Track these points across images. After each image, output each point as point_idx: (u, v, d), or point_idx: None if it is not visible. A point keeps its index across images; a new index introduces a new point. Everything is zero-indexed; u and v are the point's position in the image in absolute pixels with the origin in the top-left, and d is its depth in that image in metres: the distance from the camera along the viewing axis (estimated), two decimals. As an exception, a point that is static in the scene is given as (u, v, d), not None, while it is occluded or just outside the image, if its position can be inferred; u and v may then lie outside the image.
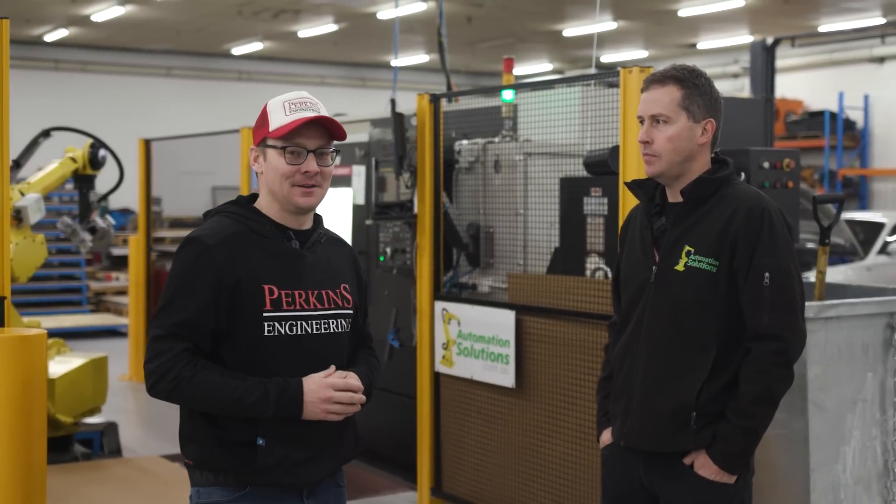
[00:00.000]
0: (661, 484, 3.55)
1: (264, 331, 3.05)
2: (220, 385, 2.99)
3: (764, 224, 3.42)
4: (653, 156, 3.52)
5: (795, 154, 5.90)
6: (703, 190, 3.51)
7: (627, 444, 3.60)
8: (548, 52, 23.58)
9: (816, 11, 18.66)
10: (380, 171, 7.40)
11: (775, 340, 3.40)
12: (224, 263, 3.04)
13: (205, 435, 3.08)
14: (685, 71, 3.54)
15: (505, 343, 6.03)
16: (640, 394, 3.55)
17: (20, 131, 8.24)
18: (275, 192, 3.14)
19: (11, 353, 3.90)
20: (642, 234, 3.63)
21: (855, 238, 12.80)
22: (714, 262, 3.45)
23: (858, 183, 20.96)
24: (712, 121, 3.54)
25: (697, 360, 3.46)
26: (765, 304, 3.40)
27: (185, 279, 3.06)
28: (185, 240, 3.12)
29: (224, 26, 20.21)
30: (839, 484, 4.77)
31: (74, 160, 8.03)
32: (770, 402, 3.44)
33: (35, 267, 7.42)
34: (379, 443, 7.96)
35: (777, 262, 3.42)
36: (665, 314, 3.52)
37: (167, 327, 3.02)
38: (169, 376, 2.99)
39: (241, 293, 3.04)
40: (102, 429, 8.18)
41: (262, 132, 3.15)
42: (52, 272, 15.98)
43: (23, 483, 3.92)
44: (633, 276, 3.65)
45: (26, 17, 19.10)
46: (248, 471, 3.05)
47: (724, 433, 3.42)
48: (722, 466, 3.44)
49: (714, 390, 3.45)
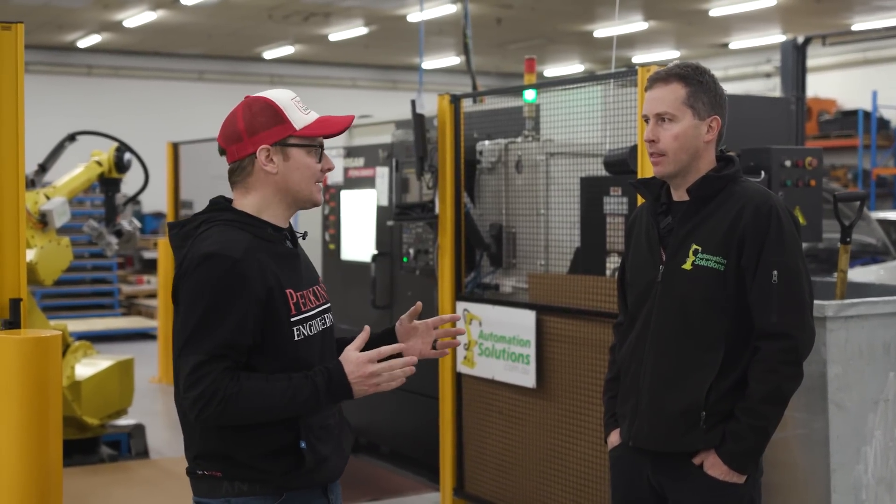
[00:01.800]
0: (670, 484, 3.54)
1: (294, 336, 3.02)
2: (268, 392, 2.90)
3: (772, 221, 3.40)
4: (660, 155, 3.50)
5: (818, 152, 5.84)
6: (710, 188, 3.50)
7: (636, 445, 3.58)
8: (578, 52, 23.53)
9: (849, 10, 18.52)
10: (402, 172, 7.40)
11: (784, 339, 3.38)
12: (254, 276, 2.94)
13: (241, 447, 2.98)
14: (689, 68, 3.53)
15: (526, 343, 6.01)
16: (649, 394, 3.53)
17: (54, 137, 8.36)
18: (296, 191, 3.08)
19: (26, 354, 3.91)
20: (648, 233, 3.61)
21: (887, 237, 12.66)
22: (722, 260, 3.43)
23: (892, 182, 20.76)
24: (717, 118, 3.53)
25: (706, 360, 3.45)
26: (773, 303, 3.38)
27: (217, 298, 2.91)
28: (201, 257, 2.94)
29: (255, 30, 20.30)
30: (860, 484, 4.72)
31: (100, 164, 8.10)
32: (780, 401, 3.42)
33: (60, 270, 7.48)
34: (402, 444, 7.97)
35: (785, 260, 3.40)
36: (673, 314, 3.50)
37: (208, 351, 2.88)
38: (216, 399, 2.86)
39: (273, 303, 2.98)
40: (129, 431, 8.22)
41: (283, 130, 3.04)
42: (83, 276, 16.09)
43: (39, 484, 3.94)
44: (640, 275, 3.63)
45: (59, 23, 19.26)
46: (295, 475, 3.00)
47: (734, 432, 3.40)
48: (732, 466, 3.41)
49: (723, 390, 3.44)
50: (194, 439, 3.05)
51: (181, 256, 3.04)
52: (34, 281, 7.28)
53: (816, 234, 5.65)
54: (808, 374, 3.64)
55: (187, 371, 2.90)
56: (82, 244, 13.47)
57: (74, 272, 14.47)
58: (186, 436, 3.09)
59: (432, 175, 6.74)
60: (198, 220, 3.09)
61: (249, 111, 3.08)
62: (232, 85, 23.61)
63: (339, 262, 8.47)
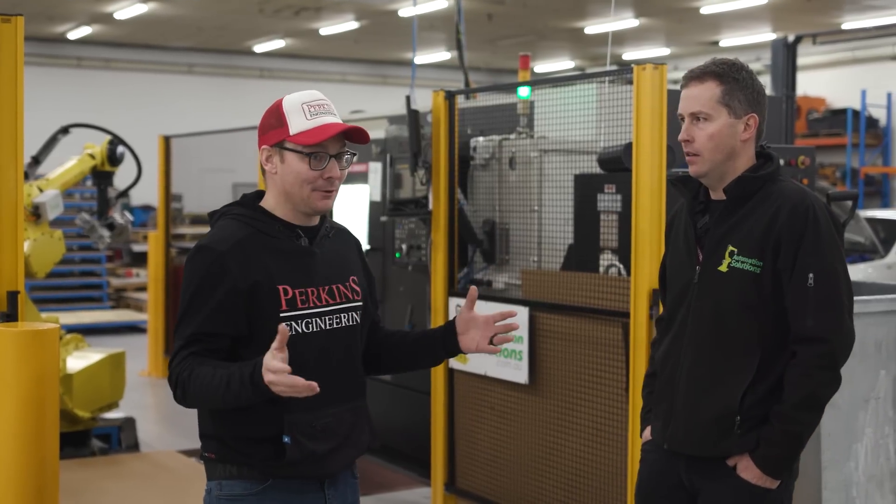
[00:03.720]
0: (702, 484, 3.47)
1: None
2: (209, 379, 2.95)
3: (808, 222, 3.32)
4: (695, 155, 3.42)
5: (811, 151, 5.88)
6: (746, 188, 3.41)
7: (671, 448, 3.52)
8: (569, 49, 23.54)
9: (840, 9, 18.57)
10: (396, 167, 7.41)
11: (820, 343, 3.30)
12: (237, 269, 3.02)
13: (228, 431, 3.08)
14: (725, 65, 3.42)
15: (518, 339, 6.03)
16: (684, 398, 3.47)
17: (44, 129, 8.33)
18: (292, 194, 3.11)
19: (24, 347, 3.93)
20: (686, 233, 3.54)
21: (876, 236, 12.74)
22: (758, 262, 3.36)
23: (881, 181, 20.85)
24: (755, 115, 3.42)
25: (742, 364, 3.38)
26: (809, 306, 3.31)
27: (199, 289, 3.04)
28: (194, 248, 3.10)
29: (246, 23, 20.26)
30: (851, 482, 4.76)
31: (93, 157, 8.09)
32: (815, 407, 3.35)
33: (53, 263, 7.48)
34: (394, 439, 7.99)
35: (822, 262, 3.32)
36: (708, 317, 3.43)
37: (183, 339, 3.03)
38: (178, 382, 3.00)
39: (258, 296, 3.03)
40: (120, 424, 8.23)
41: (280, 134, 3.09)
42: (73, 268, 16.08)
43: (35, 477, 3.96)
44: (678, 276, 3.57)
45: (49, 14, 19.20)
46: (276, 465, 3.06)
47: (768, 437, 3.34)
48: (765, 471, 3.35)
49: (759, 395, 3.37)
50: (200, 421, 3.19)
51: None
52: (27, 273, 7.27)
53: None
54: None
55: (171, 356, 3.08)
56: (71, 237, 13.44)
57: (64, 265, 14.44)
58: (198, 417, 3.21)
59: (426, 171, 6.76)
60: (219, 212, 3.22)
61: (267, 112, 3.18)
62: (222, 78, 23.58)
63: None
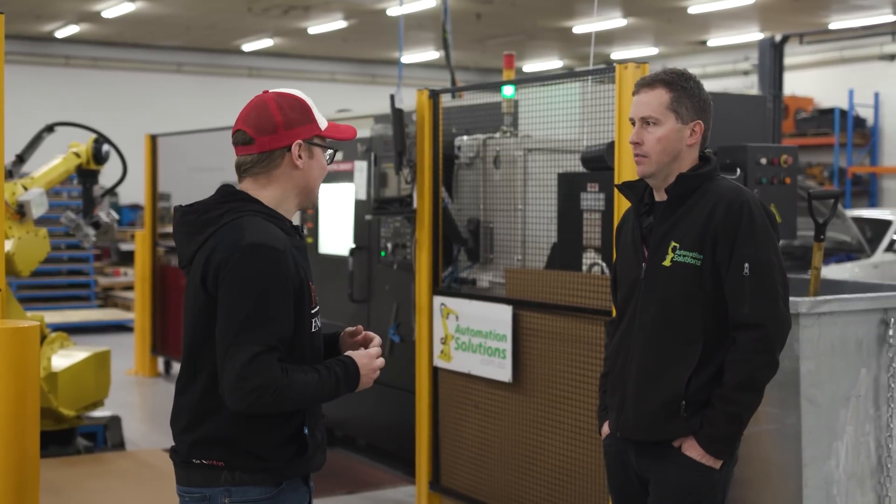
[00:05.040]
0: (650, 466, 3.69)
1: (312, 327, 3.13)
2: (310, 384, 3.01)
3: (743, 216, 3.54)
4: (643, 156, 3.65)
5: (793, 150, 5.89)
6: (685, 186, 3.64)
7: (623, 436, 3.73)
8: (558, 48, 23.56)
9: (827, 9, 18.61)
10: (381, 166, 7.42)
11: (757, 329, 3.52)
12: (294, 268, 3.04)
13: (252, 434, 3.03)
14: (674, 74, 3.66)
15: (502, 338, 6.04)
16: (634, 387, 3.68)
17: (32, 128, 8.32)
18: (311, 189, 3.19)
19: (4, 344, 3.93)
20: (633, 233, 3.77)
21: (862, 236, 12.76)
22: (698, 255, 3.58)
23: (868, 181, 20.90)
24: (700, 122, 3.67)
25: (686, 352, 3.59)
26: (746, 294, 3.52)
27: (267, 289, 2.96)
28: (248, 246, 2.96)
29: (234, 23, 20.25)
30: (832, 479, 4.77)
31: (78, 155, 8.08)
32: (753, 389, 3.56)
33: (38, 261, 7.47)
34: (378, 437, 8.00)
35: (756, 253, 3.53)
36: (655, 309, 3.65)
37: (264, 342, 2.93)
38: (271, 390, 2.92)
39: (303, 296, 3.07)
40: (106, 422, 8.22)
41: (312, 129, 3.14)
42: (60, 267, 16.04)
43: (15, 474, 3.95)
44: (626, 274, 3.79)
45: (37, 13, 19.17)
46: (297, 462, 3.08)
47: (710, 418, 3.55)
48: (707, 450, 3.57)
49: (702, 380, 3.58)
50: (200, 425, 3.07)
51: (199, 242, 3.06)
52: (11, 272, 7.26)
53: (791, 232, 5.71)
54: (781, 370, 3.70)
55: (244, 361, 2.91)
56: (58, 235, 13.42)
57: (50, 264, 14.41)
58: (189, 421, 3.09)
59: (410, 170, 6.76)
60: (222, 208, 3.10)
61: (284, 106, 3.12)
62: (210, 77, 23.55)
63: (317, 255, 8.49)
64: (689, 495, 3.60)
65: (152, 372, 11.70)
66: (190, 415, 3.09)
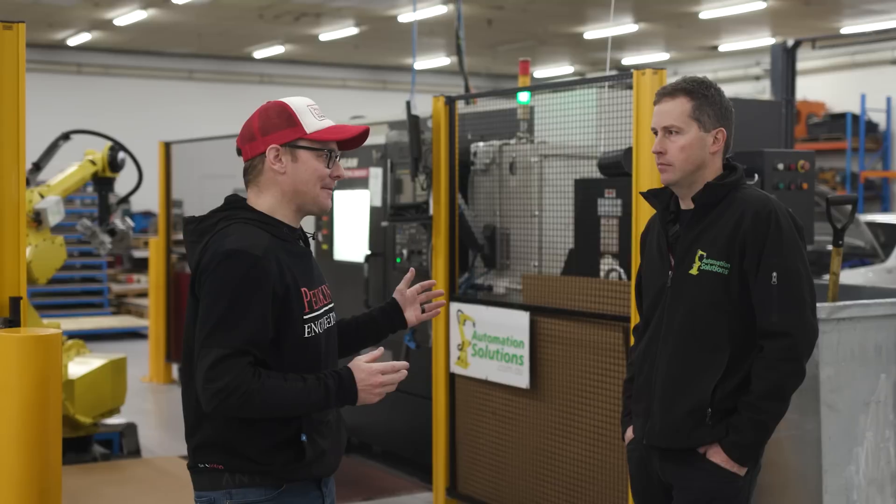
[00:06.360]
0: (674, 471, 3.70)
1: (305, 333, 3.12)
2: (285, 390, 3.00)
3: (771, 225, 3.56)
4: (667, 165, 3.67)
5: (810, 156, 5.89)
6: (713, 195, 3.65)
7: (649, 443, 3.75)
8: (569, 54, 23.57)
9: (838, 13, 18.59)
10: (396, 173, 7.42)
11: (784, 337, 3.53)
12: (274, 273, 3.04)
13: (245, 438, 3.07)
14: (695, 83, 3.69)
15: (519, 344, 6.05)
16: (660, 394, 3.70)
17: (44, 135, 8.34)
18: (302, 192, 3.17)
19: (27, 352, 3.93)
20: (659, 241, 3.79)
21: (876, 240, 12.73)
22: (726, 264, 3.59)
23: (880, 185, 20.87)
24: (723, 129, 3.69)
25: (713, 360, 3.61)
26: (773, 303, 3.54)
27: (240, 293, 2.99)
28: (225, 252, 3.02)
29: (245, 30, 20.29)
30: (852, 485, 4.77)
31: (94, 163, 8.09)
32: (779, 397, 3.58)
33: (54, 269, 7.48)
34: (395, 443, 8.00)
35: (784, 262, 3.55)
36: (682, 317, 3.66)
37: (231, 345, 2.96)
38: (238, 392, 2.93)
39: (289, 301, 3.07)
40: (122, 430, 8.23)
41: (294, 132, 3.14)
42: (73, 274, 16.07)
43: (38, 482, 3.96)
44: (652, 282, 3.81)
45: (49, 21, 19.23)
46: (295, 467, 3.09)
47: (736, 425, 3.57)
48: (732, 456, 3.58)
49: (729, 388, 3.60)
50: (198, 429, 3.12)
51: (198, 251, 3.12)
52: (28, 280, 7.26)
53: (809, 237, 5.70)
54: (802, 376, 3.69)
55: (210, 363, 2.96)
56: (72, 242, 13.46)
57: (64, 271, 14.44)
58: (190, 426, 3.16)
59: (426, 176, 6.77)
60: (216, 216, 3.19)
61: (266, 113, 3.20)
62: (222, 84, 23.60)
63: (332, 262, 8.50)
64: (712, 501, 3.61)
65: (167, 379, 11.72)
66: (190, 420, 3.16)
